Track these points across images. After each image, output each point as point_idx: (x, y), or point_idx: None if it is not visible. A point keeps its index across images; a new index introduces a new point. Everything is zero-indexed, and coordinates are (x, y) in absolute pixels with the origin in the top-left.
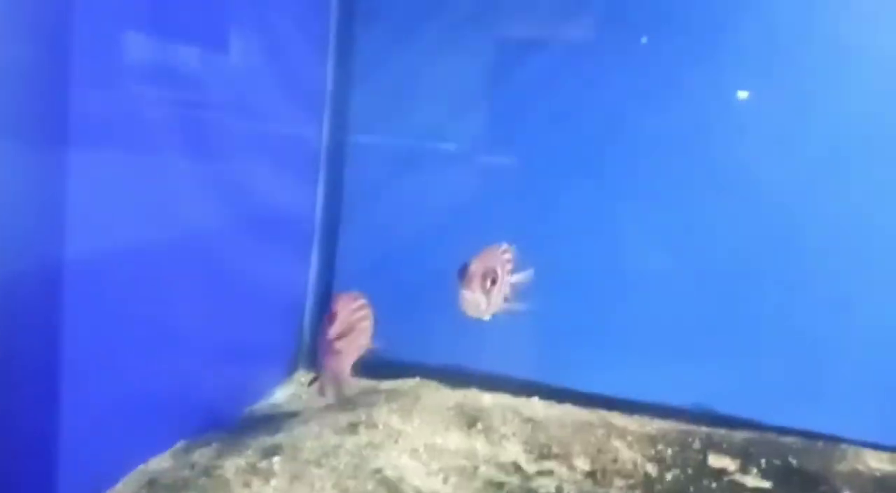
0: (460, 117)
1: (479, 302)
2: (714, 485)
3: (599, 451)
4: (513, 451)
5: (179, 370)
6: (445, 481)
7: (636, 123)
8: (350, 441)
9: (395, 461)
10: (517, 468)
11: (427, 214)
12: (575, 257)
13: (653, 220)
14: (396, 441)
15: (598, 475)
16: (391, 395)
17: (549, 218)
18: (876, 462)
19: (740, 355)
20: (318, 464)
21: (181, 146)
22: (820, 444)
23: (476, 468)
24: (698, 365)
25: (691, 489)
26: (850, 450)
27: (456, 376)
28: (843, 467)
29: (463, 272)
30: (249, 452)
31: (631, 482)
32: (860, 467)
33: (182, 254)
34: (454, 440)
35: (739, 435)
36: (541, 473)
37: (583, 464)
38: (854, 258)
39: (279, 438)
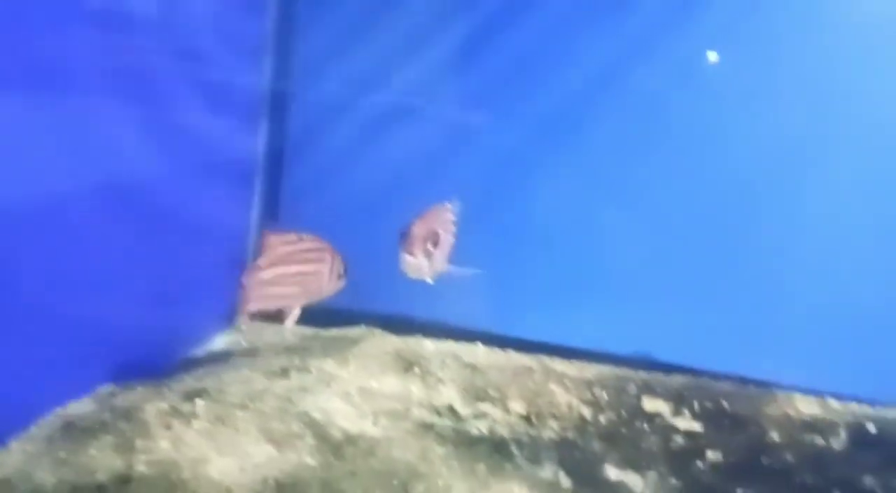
0: (407, 66)
1: (421, 265)
2: (647, 427)
3: (536, 394)
4: (448, 394)
5: (107, 314)
6: (375, 422)
7: (596, 79)
8: (279, 385)
9: (325, 403)
10: (451, 410)
11: (372, 163)
12: (518, 208)
13: (595, 170)
14: (328, 385)
15: (533, 418)
16: (331, 341)
17: (493, 170)
18: (805, 407)
19: (677, 303)
20: (244, 407)
21: (115, 89)
22: (752, 389)
23: (408, 410)
24: (638, 313)
25: (624, 430)
26: (781, 395)
27: (402, 325)
28: (772, 410)
29: (404, 235)
30: (173, 395)
31: (565, 423)
32: (790, 411)
33: (113, 197)
34: (389, 384)
35: (675, 380)
36: (475, 415)
37: (518, 407)
38: (790, 205)
39: (207, 382)
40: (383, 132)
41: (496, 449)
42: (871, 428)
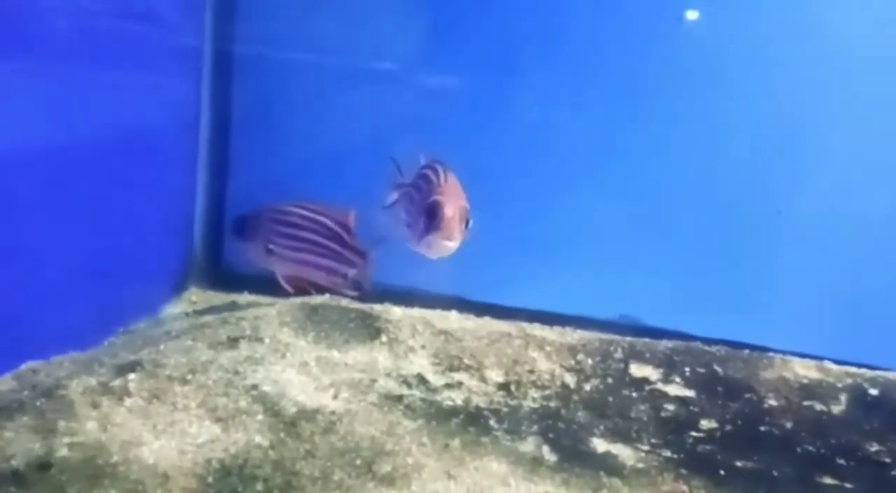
0: (359, 29)
1: (455, 246)
2: (635, 394)
3: (515, 362)
4: (419, 364)
5: (33, 288)
6: (336, 396)
7: (566, 40)
8: (226, 356)
9: (278, 375)
10: (421, 380)
11: (324, 125)
12: (495, 172)
13: (577, 133)
14: (283, 356)
15: (512, 387)
16: (289, 310)
17: (465, 132)
18: (803, 371)
19: (666, 266)
20: (184, 381)
21: (51, 51)
22: (746, 353)
23: (374, 381)
24: (624, 277)
25: (610, 399)
26: (778, 359)
27: (372, 292)
28: (769, 375)
29: (434, 215)
30: (104, 370)
31: (547, 392)
32: (787, 375)
33: (46, 161)
34: (353, 353)
35: (664, 345)
36: (448, 386)
37: (496, 376)
38: (784, 170)
39: (143, 354)
40: (336, 96)
41: (472, 422)
42: (872, 391)
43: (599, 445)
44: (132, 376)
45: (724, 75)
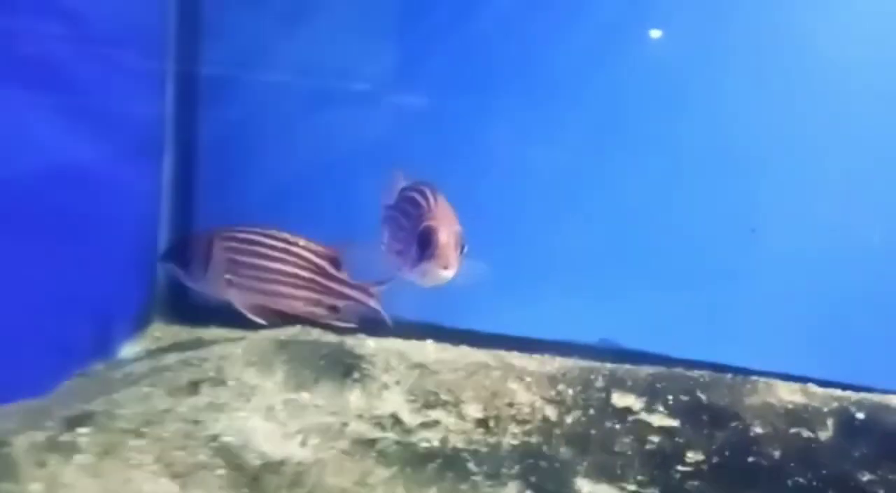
0: (330, 49)
1: (452, 274)
2: (618, 426)
3: (494, 395)
4: (393, 402)
5: None
6: (304, 443)
7: (543, 61)
8: (186, 403)
9: (242, 423)
10: (396, 421)
11: (297, 150)
12: (473, 195)
13: (553, 154)
14: (248, 400)
15: (491, 423)
16: (256, 346)
17: (439, 155)
18: (787, 394)
19: (645, 288)
20: (139, 434)
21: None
22: (729, 378)
23: (345, 425)
24: (602, 300)
25: (593, 431)
26: (761, 383)
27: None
28: (753, 400)
29: (428, 242)
30: (52, 423)
31: (527, 427)
32: (771, 399)
33: None
34: (323, 393)
35: (645, 371)
36: (424, 425)
37: (474, 411)
38: (762, 187)
39: (96, 404)
40: (307, 117)
41: (450, 466)
42: (859, 415)
43: (584, 486)
44: (83, 429)
45: (695, 95)
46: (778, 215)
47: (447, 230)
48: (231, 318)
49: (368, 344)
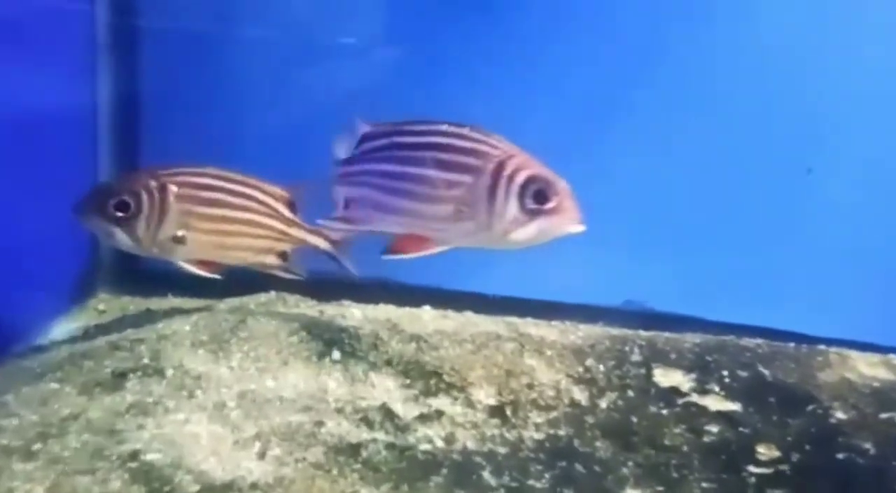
0: None
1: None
2: (665, 412)
3: (509, 374)
4: (384, 388)
5: None
6: (262, 454)
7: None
8: (101, 405)
9: (176, 431)
10: (387, 414)
11: (249, 104)
12: None
13: (570, 102)
14: (191, 395)
15: (508, 412)
16: (214, 318)
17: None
18: (868, 368)
19: (677, 240)
20: (28, 454)
21: None
22: (792, 347)
23: (320, 424)
24: (627, 256)
25: (635, 419)
26: (832, 353)
27: (327, 287)
28: (828, 376)
29: (548, 193)
30: None
31: (553, 415)
32: (850, 375)
33: None
34: (294, 380)
35: (690, 340)
36: (423, 418)
37: (486, 396)
38: (819, 124)
39: None
40: (264, 71)
41: (460, 478)
42: None
43: None
44: None
45: (733, 28)
46: (840, 154)
47: (547, 171)
48: (190, 286)
49: (353, 313)
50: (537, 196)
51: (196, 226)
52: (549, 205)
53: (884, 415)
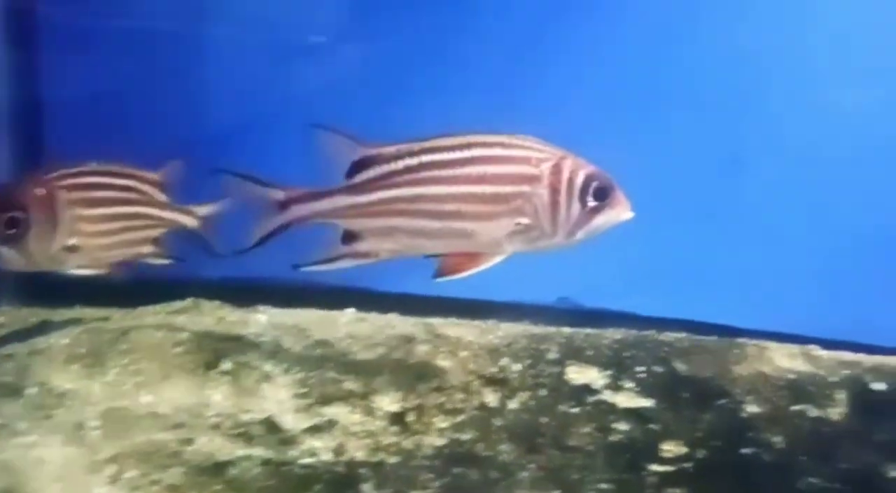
0: None
1: None
2: (575, 411)
3: (418, 378)
4: (275, 399)
5: None
6: (115, 478)
7: None
8: None
9: (21, 455)
10: (272, 427)
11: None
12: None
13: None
14: (48, 415)
15: (410, 418)
16: (92, 333)
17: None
18: (786, 361)
19: (609, 235)
20: None
21: None
22: (712, 342)
23: (188, 442)
24: (560, 254)
25: (544, 420)
26: (751, 346)
27: (250, 292)
28: (743, 369)
29: (606, 189)
30: None
31: (459, 419)
32: (766, 368)
33: None
34: (173, 394)
35: (609, 336)
36: (314, 429)
37: (389, 403)
38: (746, 112)
39: None
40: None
41: (336, 492)
42: (877, 386)
43: None
44: None
45: (661, 17)
46: (766, 145)
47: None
48: (106, 294)
49: (258, 320)
50: (598, 194)
51: (87, 230)
52: (609, 200)
53: (796, 407)
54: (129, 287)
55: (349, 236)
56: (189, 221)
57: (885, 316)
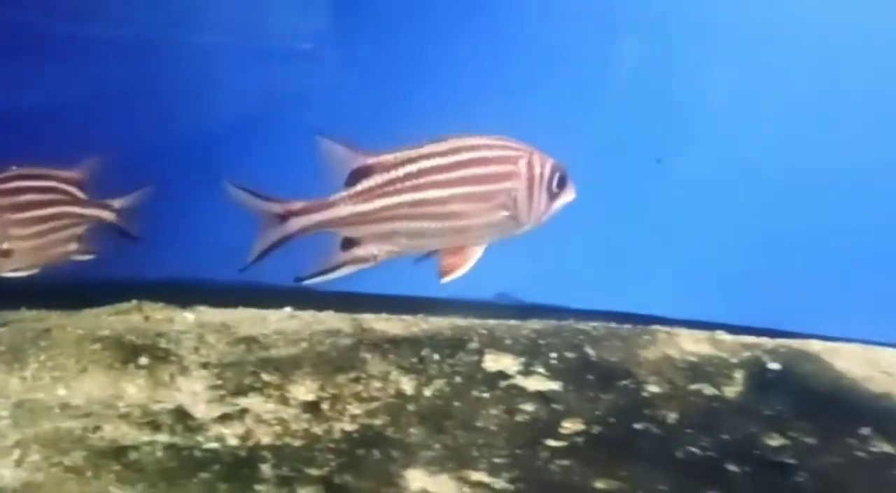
0: None
1: None
2: (487, 395)
3: (337, 369)
4: (189, 391)
5: None
6: (20, 461)
7: None
8: None
9: None
10: (181, 416)
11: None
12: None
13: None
14: None
15: (324, 406)
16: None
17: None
18: (692, 344)
19: (543, 232)
20: None
21: None
22: (626, 329)
23: (95, 429)
24: (501, 251)
25: (456, 404)
26: (662, 333)
27: (194, 292)
28: (651, 353)
29: (565, 177)
30: None
31: (373, 406)
32: (672, 351)
33: None
34: (88, 387)
35: (529, 327)
36: (224, 418)
37: (305, 393)
38: (670, 115)
39: None
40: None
41: (232, 473)
42: (773, 365)
43: (415, 480)
44: None
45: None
46: (685, 145)
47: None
48: (51, 295)
49: (185, 318)
50: (560, 182)
51: (17, 235)
52: (566, 186)
53: (693, 386)
54: (79, 289)
55: (348, 243)
56: (107, 215)
57: (793, 303)
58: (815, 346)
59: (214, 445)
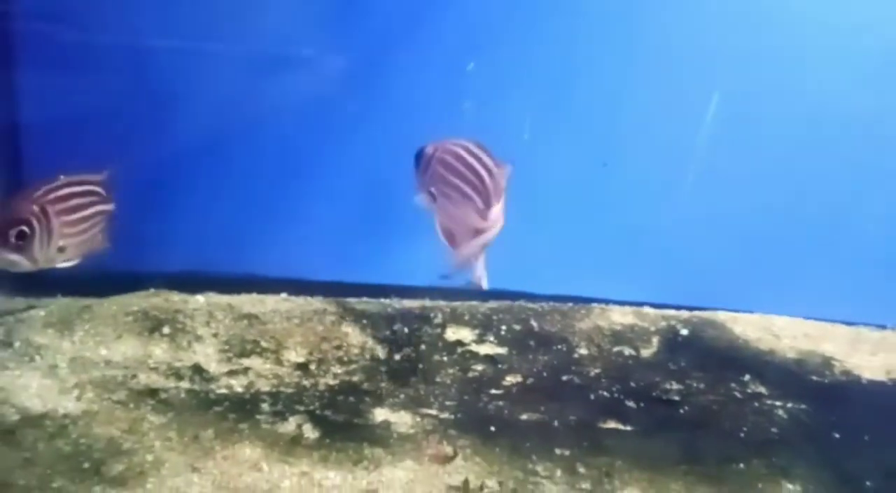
0: None
1: None
2: (446, 358)
3: (323, 339)
4: (203, 353)
5: None
6: (80, 397)
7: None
8: None
9: (11, 382)
10: (197, 370)
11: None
12: (316, 151)
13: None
14: (31, 359)
15: (312, 366)
16: (63, 307)
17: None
18: (619, 317)
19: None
20: None
21: None
22: (568, 306)
23: (133, 377)
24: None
25: (420, 366)
26: (597, 308)
27: (202, 282)
28: (584, 324)
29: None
30: None
31: (352, 367)
32: (602, 322)
33: None
34: (122, 349)
35: (487, 306)
36: (231, 373)
37: (296, 356)
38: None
39: None
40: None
41: (237, 408)
42: (683, 332)
43: (380, 415)
44: None
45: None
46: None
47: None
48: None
49: (197, 300)
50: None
51: (69, 233)
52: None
53: (616, 349)
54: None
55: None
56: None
57: (707, 282)
58: (721, 316)
59: (224, 391)
